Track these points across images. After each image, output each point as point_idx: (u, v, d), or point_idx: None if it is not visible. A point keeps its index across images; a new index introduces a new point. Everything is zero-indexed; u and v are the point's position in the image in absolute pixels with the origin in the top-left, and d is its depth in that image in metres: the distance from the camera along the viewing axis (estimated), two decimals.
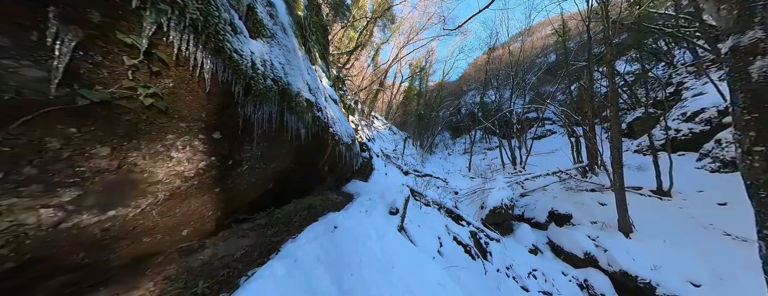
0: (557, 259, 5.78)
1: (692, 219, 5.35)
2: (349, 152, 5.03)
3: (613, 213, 6.17)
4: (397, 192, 3.83)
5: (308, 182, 3.83)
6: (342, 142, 4.34)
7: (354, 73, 13.37)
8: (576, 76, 11.54)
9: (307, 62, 3.82)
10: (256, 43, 2.18)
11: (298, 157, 3.04)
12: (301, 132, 2.86)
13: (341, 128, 4.49)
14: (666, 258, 4.55)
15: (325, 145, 3.72)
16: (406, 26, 16.31)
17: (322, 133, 3.50)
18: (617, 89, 5.74)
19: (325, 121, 3.53)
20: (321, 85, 4.39)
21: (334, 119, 4.10)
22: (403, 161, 10.77)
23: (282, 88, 2.43)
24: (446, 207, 6.09)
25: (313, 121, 3.08)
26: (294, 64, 2.83)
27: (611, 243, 5.19)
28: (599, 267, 4.96)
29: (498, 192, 6.72)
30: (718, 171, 6.44)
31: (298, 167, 3.12)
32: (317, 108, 3.28)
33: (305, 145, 3.04)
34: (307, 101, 2.96)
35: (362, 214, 3.07)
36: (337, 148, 4.20)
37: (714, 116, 7.53)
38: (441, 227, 4.21)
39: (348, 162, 5.17)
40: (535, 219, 7.52)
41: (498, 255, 5.26)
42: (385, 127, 16.50)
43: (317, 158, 3.69)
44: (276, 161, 2.66)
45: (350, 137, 5.23)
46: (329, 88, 5.45)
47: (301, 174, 3.35)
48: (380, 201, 3.68)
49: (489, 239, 5.78)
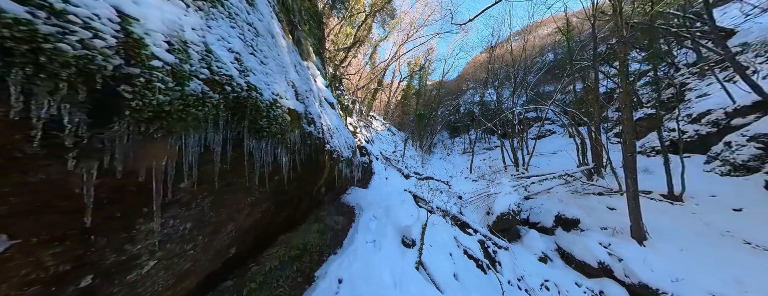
0: (568, 268, 5.53)
1: (708, 226, 5.15)
2: (349, 167, 4.41)
3: (623, 218, 5.95)
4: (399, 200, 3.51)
5: (299, 213, 3.11)
6: (342, 158, 3.62)
7: (351, 71, 12.94)
8: (577, 75, 11.38)
9: (296, 56, 3.14)
10: (172, 4, 1.20)
11: (280, 198, 2.36)
12: (283, 161, 2.04)
13: (340, 140, 3.78)
14: (685, 268, 4.32)
15: (321, 168, 3.04)
16: (405, 23, 15.91)
17: (317, 153, 2.79)
18: (630, 90, 5.47)
19: (319, 136, 2.82)
20: (314, 86, 3.64)
21: (331, 130, 3.39)
22: (404, 163, 10.43)
23: (236, 97, 1.44)
24: (452, 214, 5.78)
25: (301, 140, 2.31)
26: (270, 56, 2.03)
27: (626, 252, 4.95)
28: (614, 278, 4.71)
29: (505, 197, 6.44)
30: (729, 175, 6.28)
31: (279, 208, 2.50)
32: (308, 120, 2.52)
33: (293, 178, 2.37)
34: (292, 113, 2.10)
35: (370, 247, 2.56)
36: (337, 167, 3.55)
37: (721, 118, 7.38)
38: (450, 240, 3.89)
39: (348, 177, 4.56)
40: (541, 223, 7.28)
41: (508, 265, 4.98)
42: (384, 128, 16.13)
43: (310, 186, 3.01)
44: (235, 221, 1.84)
45: (351, 148, 4.50)
46: (325, 90, 4.80)
47: (287, 211, 2.69)
48: (387, 219, 3.23)
49: (497, 247, 5.49)
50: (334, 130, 3.64)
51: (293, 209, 2.87)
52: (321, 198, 3.68)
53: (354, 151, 4.81)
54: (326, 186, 3.63)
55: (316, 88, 3.83)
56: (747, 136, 6.21)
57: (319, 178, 3.16)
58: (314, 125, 2.70)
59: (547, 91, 19.36)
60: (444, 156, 18.59)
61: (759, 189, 5.52)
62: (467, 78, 27.85)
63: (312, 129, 2.59)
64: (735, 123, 6.93)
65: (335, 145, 3.41)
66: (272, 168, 1.98)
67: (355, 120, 8.91)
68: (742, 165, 6.10)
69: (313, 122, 2.67)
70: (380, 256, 2.14)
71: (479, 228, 5.79)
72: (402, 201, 4.40)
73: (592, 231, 6.27)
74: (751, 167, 5.94)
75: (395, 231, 2.97)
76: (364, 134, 10.36)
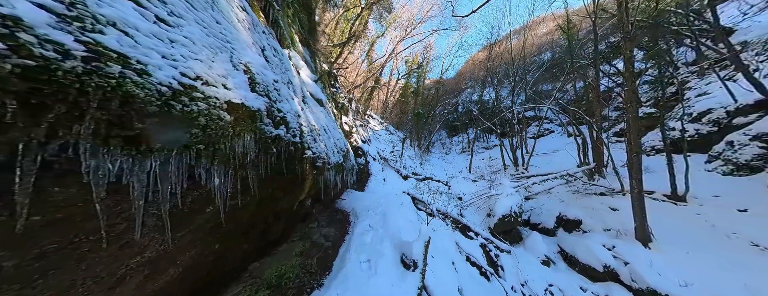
0: (571, 271, 5.38)
1: (713, 227, 5.05)
2: (340, 174, 3.83)
3: (626, 219, 5.83)
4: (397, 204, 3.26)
5: (275, 233, 2.58)
6: (329, 164, 3.06)
7: (348, 69, 12.63)
8: (575, 74, 11.27)
9: (268, 38, 2.67)
10: None
11: (230, 230, 1.78)
12: (216, 183, 1.45)
13: (328, 143, 3.27)
14: (693, 272, 4.19)
15: (298, 181, 2.51)
16: (403, 19, 15.59)
17: (292, 163, 2.28)
18: (636, 88, 5.31)
19: (295, 141, 2.29)
20: (296, 78, 3.13)
21: (315, 132, 2.87)
22: (402, 163, 10.21)
23: (55, 68, 0.81)
24: (452, 217, 5.59)
25: (260, 148, 1.79)
26: (192, 19, 1.48)
27: (631, 255, 4.81)
28: (620, 282, 4.57)
29: (506, 198, 6.26)
30: (732, 175, 6.20)
31: (230, 243, 1.90)
32: (274, 120, 1.96)
33: (248, 203, 1.84)
34: (238, 109, 1.54)
35: (364, 270, 2.18)
36: (322, 177, 2.99)
37: (722, 117, 7.31)
38: (452, 247, 3.67)
39: (340, 185, 4.03)
40: (542, 224, 7.15)
41: (510, 270, 4.81)
42: (381, 127, 15.88)
43: (285, 203, 2.54)
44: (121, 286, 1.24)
45: (342, 152, 3.96)
46: (312, 84, 4.31)
47: (250, 242, 2.18)
48: (384, 230, 2.90)
49: (499, 251, 5.32)
50: (321, 132, 3.12)
51: (259, 236, 2.34)
52: (307, 211, 3.23)
53: (346, 155, 4.30)
54: (313, 198, 3.19)
55: (299, 82, 3.33)
56: (750, 135, 6.13)
57: (298, 193, 2.65)
58: (286, 127, 2.17)
59: (544, 89, 19.33)
60: (442, 155, 18.44)
61: (763, 189, 5.44)
62: (465, 76, 27.73)
63: (281, 132, 2.03)
64: (736, 122, 6.86)
65: (320, 151, 2.86)
66: (193, 199, 1.37)
67: (351, 119, 8.64)
68: (745, 165, 6.02)
69: (284, 123, 2.13)
70: (376, 283, 1.83)
71: (480, 231, 5.61)
72: (400, 205, 4.17)
73: (594, 232, 6.14)
74: (755, 167, 5.86)
75: (393, 248, 2.58)
76: (361, 134, 10.11)
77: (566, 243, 5.96)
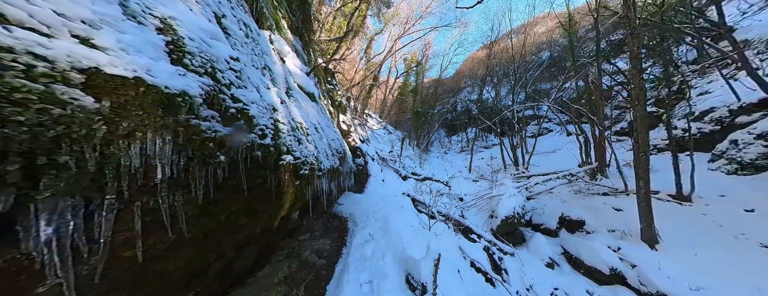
0: (576, 273, 5.24)
1: (720, 228, 4.93)
2: (336, 179, 3.34)
3: (630, 219, 5.71)
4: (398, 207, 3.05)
5: (243, 267, 2.06)
6: (320, 170, 2.58)
7: (346, 66, 12.36)
8: (573, 74, 11.17)
9: (238, 11, 2.27)
10: None
11: (159, 270, 1.30)
12: (101, 224, 0.93)
13: (321, 144, 2.81)
14: (702, 274, 4.07)
15: (273, 196, 1.99)
16: (402, 16, 15.31)
17: (263, 172, 1.86)
18: (644, 85, 5.16)
19: (266, 143, 1.84)
20: (278, 65, 2.75)
21: (302, 130, 2.43)
22: (401, 163, 10.01)
23: None
24: (454, 219, 5.41)
25: (196, 155, 1.27)
26: None
27: (638, 257, 4.68)
28: (628, 286, 4.43)
29: (509, 199, 6.10)
30: (736, 174, 6.11)
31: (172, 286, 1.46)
32: (225, 113, 1.53)
33: (177, 243, 1.31)
34: (146, 90, 1.02)
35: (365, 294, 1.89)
36: (311, 187, 2.43)
37: (725, 115, 7.24)
38: (456, 253, 3.48)
39: (336, 190, 3.57)
40: (545, 225, 7.01)
41: (515, 273, 4.64)
42: (379, 126, 15.65)
43: (253, 228, 1.99)
44: None
45: (338, 154, 3.51)
46: (302, 75, 3.94)
47: (202, 288, 1.70)
48: (386, 240, 2.61)
49: (503, 253, 5.15)
50: (310, 131, 2.60)
51: (217, 277, 1.83)
52: (294, 225, 2.68)
53: (343, 157, 3.86)
54: (301, 209, 2.63)
55: (283, 70, 2.89)
56: (754, 134, 6.05)
57: (274, 211, 2.10)
58: (247, 122, 1.66)
59: (543, 88, 19.27)
60: (441, 155, 18.29)
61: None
62: (464, 75, 27.61)
63: (235, 130, 1.49)
64: (740, 121, 6.78)
65: (306, 154, 2.35)
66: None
67: (348, 118, 8.41)
68: (749, 164, 5.93)
69: (243, 118, 1.66)
70: None
71: (483, 233, 5.44)
72: (401, 208, 3.97)
73: (598, 233, 6.01)
74: (760, 166, 5.77)
75: (398, 264, 2.22)
76: (359, 133, 9.88)
77: (570, 244, 5.82)
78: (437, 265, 2.15)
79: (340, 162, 3.61)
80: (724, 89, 7.97)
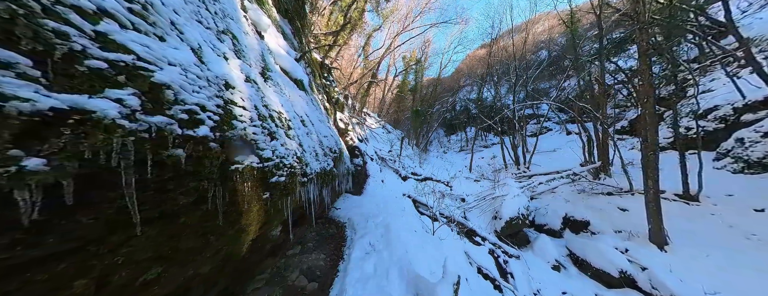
0: (583, 276, 5.06)
1: (730, 229, 4.80)
2: (330, 184, 2.83)
3: (637, 219, 5.57)
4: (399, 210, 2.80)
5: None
6: (307, 175, 2.08)
7: (343, 63, 12.08)
8: (572, 72, 11.05)
9: None
10: None
11: None
12: None
13: (308, 141, 2.29)
14: (715, 277, 3.92)
15: (222, 222, 1.40)
16: (401, 12, 14.98)
17: (183, 186, 1.25)
18: (653, 82, 5.00)
19: (194, 136, 1.26)
20: (251, 38, 2.34)
21: (281, 120, 1.96)
22: (401, 163, 9.79)
23: None
24: (457, 221, 5.19)
25: None
26: None
27: (648, 259, 4.52)
28: (639, 289, 4.26)
29: (513, 200, 5.91)
30: (743, 173, 6.00)
31: None
32: (106, 68, 1.00)
33: None
34: None
35: None
36: (291, 197, 1.87)
37: (729, 113, 7.14)
38: (462, 259, 3.27)
39: (329, 197, 3.04)
40: (548, 225, 6.85)
41: (521, 277, 4.45)
42: (378, 125, 15.40)
43: (198, 269, 1.43)
44: None
45: (333, 153, 3.06)
46: (287, 57, 3.50)
47: None
48: (389, 252, 2.23)
49: (508, 256, 4.96)
50: (293, 124, 2.09)
51: None
52: (275, 243, 1.96)
53: (338, 157, 3.42)
54: (285, 224, 1.94)
55: (258, 45, 2.49)
56: (761, 132, 5.94)
57: (233, 239, 1.53)
58: (159, 96, 1.15)
59: (542, 88, 19.20)
60: (440, 154, 18.12)
61: None
62: (463, 74, 27.49)
63: (127, 108, 1.02)
64: (745, 119, 6.68)
65: (282, 154, 1.78)
66: None
67: (346, 116, 8.15)
68: (756, 163, 5.82)
69: (155, 92, 1.14)
70: None
71: (487, 235, 5.24)
72: (402, 211, 3.74)
73: (604, 234, 5.86)
74: (767, 164, 5.66)
75: (404, 283, 1.83)
76: (358, 132, 9.63)
77: (576, 245, 5.66)
78: (457, 291, 1.82)
79: (335, 164, 3.13)
80: (726, 87, 7.89)
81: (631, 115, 11.74)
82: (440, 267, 2.48)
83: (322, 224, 2.94)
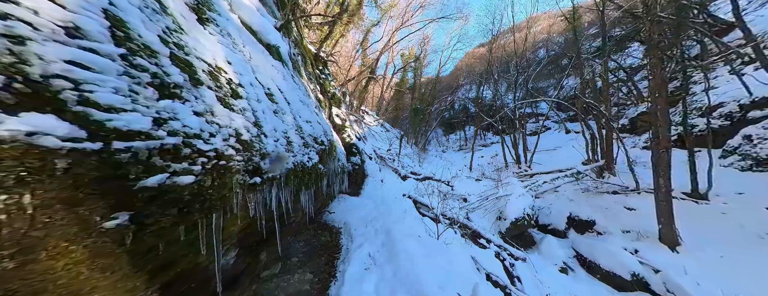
0: (593, 279, 4.86)
1: (742, 228, 4.63)
2: (313, 186, 2.19)
3: (644, 219, 5.39)
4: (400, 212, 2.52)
5: None
6: (260, 174, 1.40)
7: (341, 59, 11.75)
8: (570, 71, 10.91)
9: None
10: None
11: None
12: None
13: (276, 123, 1.69)
14: (733, 279, 3.73)
15: None
16: (401, 6, 14.59)
17: None
18: (665, 76, 4.80)
19: None
20: None
21: (220, 79, 1.42)
22: (400, 163, 9.52)
23: None
24: (460, 222, 4.94)
25: None
26: None
27: (660, 261, 4.33)
28: (652, 293, 4.06)
29: (518, 200, 5.68)
30: (751, 170, 5.87)
31: None
32: None
33: None
34: None
35: None
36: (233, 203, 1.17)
37: (735, 110, 7.02)
38: (470, 266, 3.00)
39: (312, 208, 2.36)
40: (552, 225, 6.65)
41: (529, 281, 4.21)
42: (377, 124, 15.11)
43: None
44: None
45: (320, 145, 2.53)
46: (256, 14, 2.96)
47: None
48: (392, 268, 1.86)
49: (514, 259, 4.72)
50: (239, 91, 1.49)
51: None
52: (236, 272, 1.43)
53: (326, 151, 2.71)
54: (242, 246, 1.39)
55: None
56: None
57: None
58: None
59: (540, 86, 19.12)
60: (439, 153, 17.91)
61: None
62: (462, 73, 27.33)
63: None
64: (752, 115, 6.55)
65: (200, 132, 1.16)
66: None
67: (343, 112, 7.83)
68: (765, 160, 5.69)
69: None
70: None
71: (492, 237, 5.00)
72: (403, 213, 3.46)
73: (611, 234, 5.67)
74: None
75: None
76: (356, 129, 9.33)
77: (583, 246, 5.45)
78: None
79: (322, 158, 2.47)
80: (730, 84, 7.79)
81: (632, 113, 11.65)
82: (450, 276, 2.20)
83: (314, 230, 2.53)
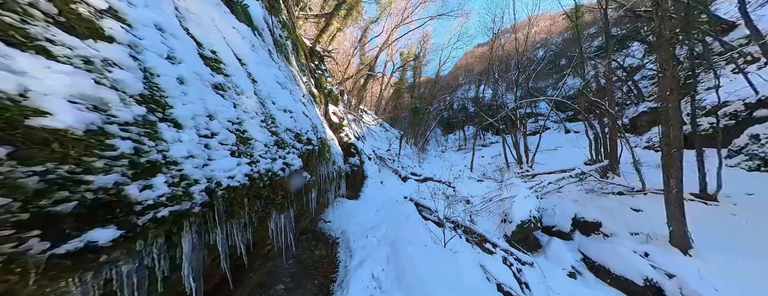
0: (602, 284, 4.68)
1: (755, 231, 4.49)
2: (289, 208, 1.77)
3: (652, 221, 5.24)
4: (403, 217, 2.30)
5: None
6: (142, 220, 0.80)
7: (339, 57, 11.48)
8: (570, 71, 10.81)
9: None
10: None
11: None
12: None
13: (210, 102, 1.28)
14: (753, 285, 3.57)
15: None
16: (400, 3, 14.30)
17: None
18: (677, 73, 4.63)
19: None
20: None
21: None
22: (400, 163, 9.28)
23: None
24: (464, 226, 4.72)
25: None
26: None
27: (673, 265, 4.16)
28: None
29: (523, 202, 5.48)
30: (759, 170, 5.76)
31: None
32: None
33: None
34: None
35: None
36: None
37: (740, 109, 6.92)
38: (480, 276, 2.77)
39: (291, 235, 1.94)
40: (557, 227, 6.48)
41: (538, 288, 4.00)
42: (376, 123, 14.86)
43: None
44: None
45: (308, 142, 2.14)
46: None
47: None
48: (400, 293, 1.48)
49: (521, 264, 4.51)
50: (182, 58, 1.17)
51: None
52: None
53: (312, 153, 2.19)
54: None
55: None
56: None
57: None
58: None
59: (540, 86, 19.07)
60: (439, 153, 17.73)
61: None
62: (462, 73, 27.20)
63: None
64: (758, 114, 6.46)
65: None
66: None
67: (341, 110, 7.56)
68: None
69: None
70: None
71: (497, 241, 4.79)
72: (406, 219, 3.22)
73: (618, 236, 5.51)
74: None
75: None
76: (354, 129, 9.07)
77: (591, 249, 5.27)
78: None
79: (309, 161, 1.94)
80: (733, 83, 7.70)
81: (632, 112, 11.58)
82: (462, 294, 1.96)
83: (307, 242, 2.12)
